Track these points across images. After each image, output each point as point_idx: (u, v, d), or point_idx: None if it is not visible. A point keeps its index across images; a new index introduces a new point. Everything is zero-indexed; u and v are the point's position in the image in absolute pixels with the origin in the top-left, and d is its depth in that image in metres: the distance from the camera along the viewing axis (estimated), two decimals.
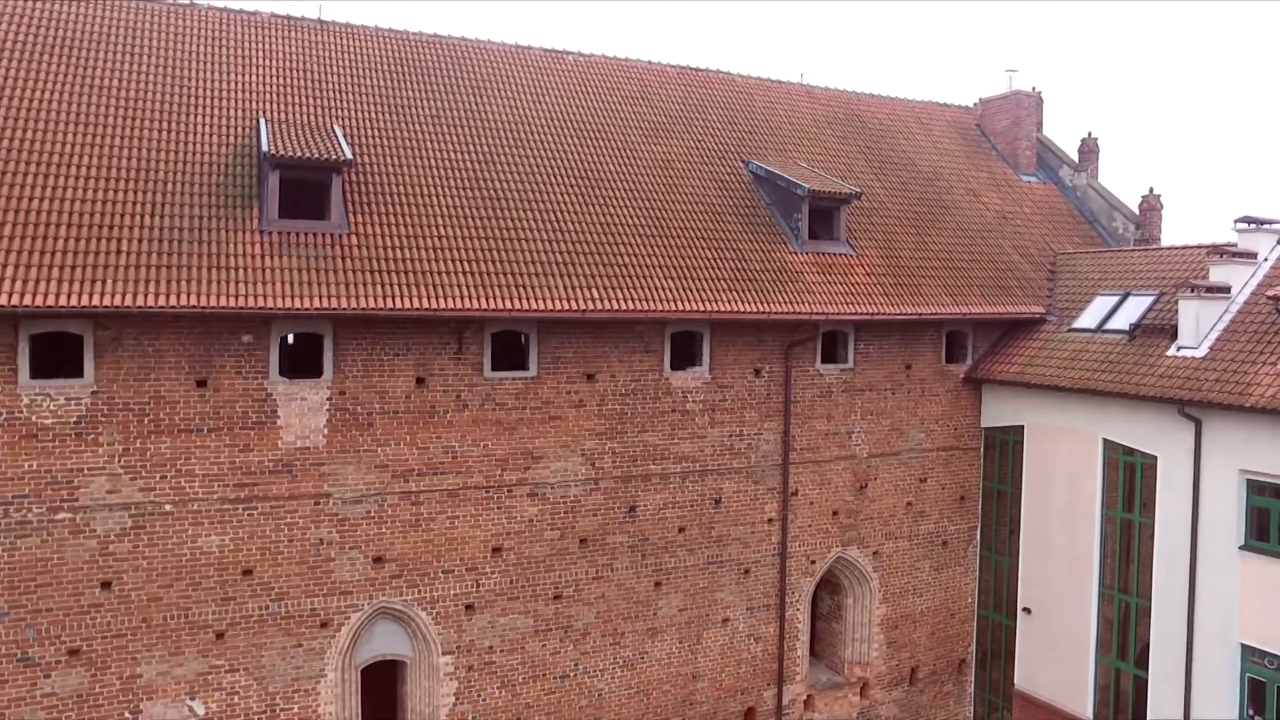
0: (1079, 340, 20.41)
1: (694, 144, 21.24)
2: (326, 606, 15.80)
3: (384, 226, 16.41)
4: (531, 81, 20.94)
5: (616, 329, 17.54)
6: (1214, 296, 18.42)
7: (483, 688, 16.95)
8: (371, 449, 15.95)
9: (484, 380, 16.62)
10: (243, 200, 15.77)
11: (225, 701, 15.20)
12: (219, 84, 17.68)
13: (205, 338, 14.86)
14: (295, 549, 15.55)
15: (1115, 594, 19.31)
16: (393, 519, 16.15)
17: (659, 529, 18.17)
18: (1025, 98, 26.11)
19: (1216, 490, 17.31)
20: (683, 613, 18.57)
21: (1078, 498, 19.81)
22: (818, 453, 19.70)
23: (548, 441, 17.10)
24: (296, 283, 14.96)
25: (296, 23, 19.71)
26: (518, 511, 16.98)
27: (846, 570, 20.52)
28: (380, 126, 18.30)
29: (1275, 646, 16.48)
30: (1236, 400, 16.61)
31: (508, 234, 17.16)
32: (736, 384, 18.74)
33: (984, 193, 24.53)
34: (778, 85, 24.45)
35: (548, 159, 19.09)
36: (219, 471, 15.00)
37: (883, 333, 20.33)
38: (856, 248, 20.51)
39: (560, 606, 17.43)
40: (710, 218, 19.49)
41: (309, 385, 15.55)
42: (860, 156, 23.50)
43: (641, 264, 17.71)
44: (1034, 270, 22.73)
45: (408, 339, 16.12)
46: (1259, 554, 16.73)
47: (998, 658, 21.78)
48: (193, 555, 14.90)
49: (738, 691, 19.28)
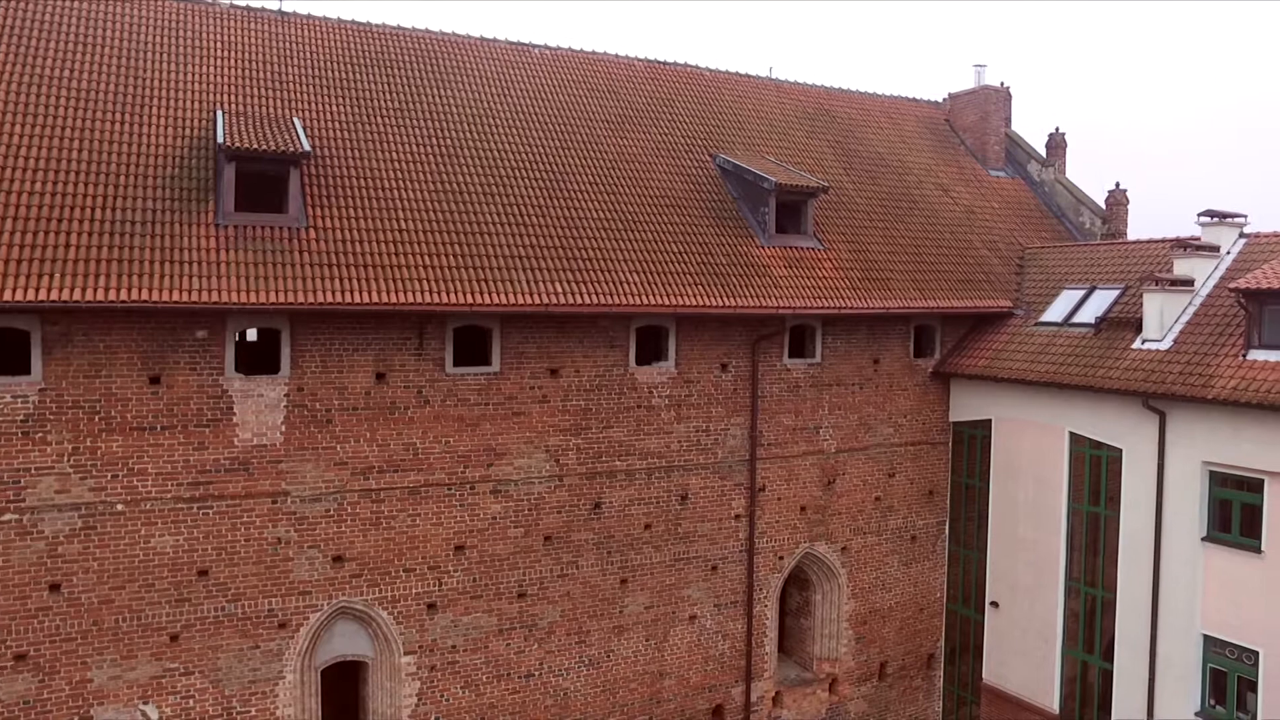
0: (1045, 334, 20.44)
1: (661, 138, 21.09)
2: (285, 607, 15.52)
3: (344, 220, 16.13)
4: (498, 74, 20.70)
5: (581, 324, 17.35)
6: (1177, 290, 18.49)
7: (445, 688, 16.73)
8: (330, 446, 15.68)
9: (446, 376, 16.39)
10: (198, 193, 15.44)
11: (180, 705, 14.88)
12: (176, 76, 17.32)
13: (158, 333, 14.53)
14: (252, 549, 15.25)
15: (1081, 587, 19.36)
16: (353, 517, 15.88)
17: (625, 526, 18.00)
18: (993, 93, 26.15)
19: (1180, 482, 17.38)
20: (649, 610, 18.42)
21: (1044, 491, 19.84)
22: (785, 448, 19.60)
23: (511, 438, 16.89)
24: (252, 277, 14.66)
25: (257, 14, 19.35)
26: (481, 509, 16.76)
27: (815, 566, 20.45)
28: (342, 119, 18.01)
29: (1236, 637, 16.57)
30: (1199, 392, 16.66)
31: (470, 228, 16.93)
32: (703, 379, 18.61)
33: (952, 187, 24.54)
34: (746, 80, 24.34)
35: (512, 152, 18.87)
36: (173, 470, 14.68)
37: (850, 327, 20.27)
38: (824, 242, 20.43)
39: (524, 605, 17.23)
40: (677, 212, 19.34)
41: (266, 382, 15.25)
42: (829, 151, 23.43)
43: (606, 258, 17.53)
44: (1002, 264, 22.76)
45: (367, 334, 15.86)
46: (1221, 545, 16.80)
47: (966, 652, 21.79)
48: (146, 556, 14.57)
49: (705, 689, 19.16)
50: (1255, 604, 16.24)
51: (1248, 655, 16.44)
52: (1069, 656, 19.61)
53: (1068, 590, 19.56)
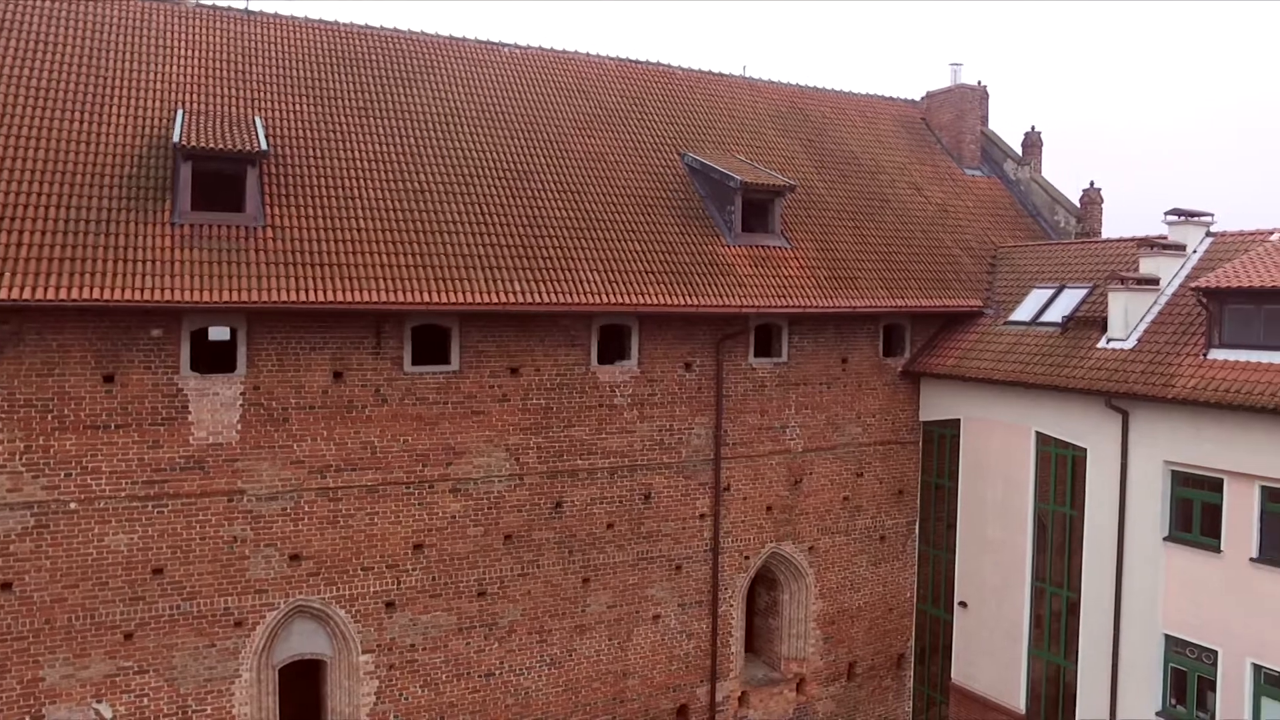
0: (1014, 333, 20.39)
1: (630, 137, 21.07)
2: (241, 605, 15.53)
3: (302, 219, 16.13)
4: (466, 74, 20.70)
5: (541, 323, 17.34)
6: (1142, 289, 18.44)
7: (404, 687, 16.73)
8: (287, 445, 15.69)
9: (404, 375, 16.39)
10: (156, 193, 15.45)
11: (134, 704, 14.90)
12: (139, 75, 17.34)
13: (112, 332, 14.55)
14: (208, 547, 15.27)
15: (1047, 587, 19.30)
16: (310, 516, 15.89)
17: (587, 525, 17.99)
18: (969, 91, 26.10)
19: (1143, 482, 17.33)
20: (612, 609, 18.40)
21: (1011, 491, 19.79)
22: (751, 447, 19.57)
23: (470, 437, 16.89)
24: (207, 276, 14.67)
25: (223, 13, 19.37)
26: (440, 508, 16.76)
27: (782, 566, 20.42)
28: (306, 118, 18.02)
29: (1196, 637, 16.52)
30: (1160, 392, 16.61)
31: (430, 227, 16.92)
32: (666, 378, 18.59)
33: (926, 186, 24.49)
34: (719, 78, 24.31)
35: (477, 152, 18.87)
36: (127, 469, 14.70)
37: (818, 326, 20.24)
38: (792, 240, 20.40)
39: (484, 604, 17.22)
40: (642, 211, 19.32)
41: (221, 380, 15.27)
42: (801, 150, 23.40)
43: (567, 257, 17.52)
44: (974, 263, 22.70)
45: (324, 333, 15.86)
46: (1182, 545, 16.75)
47: (936, 652, 21.74)
48: (99, 554, 14.59)
49: (670, 689, 19.14)
50: (1214, 604, 16.19)
51: (1207, 655, 16.39)
52: (1035, 657, 19.56)
53: (1034, 591, 19.51)
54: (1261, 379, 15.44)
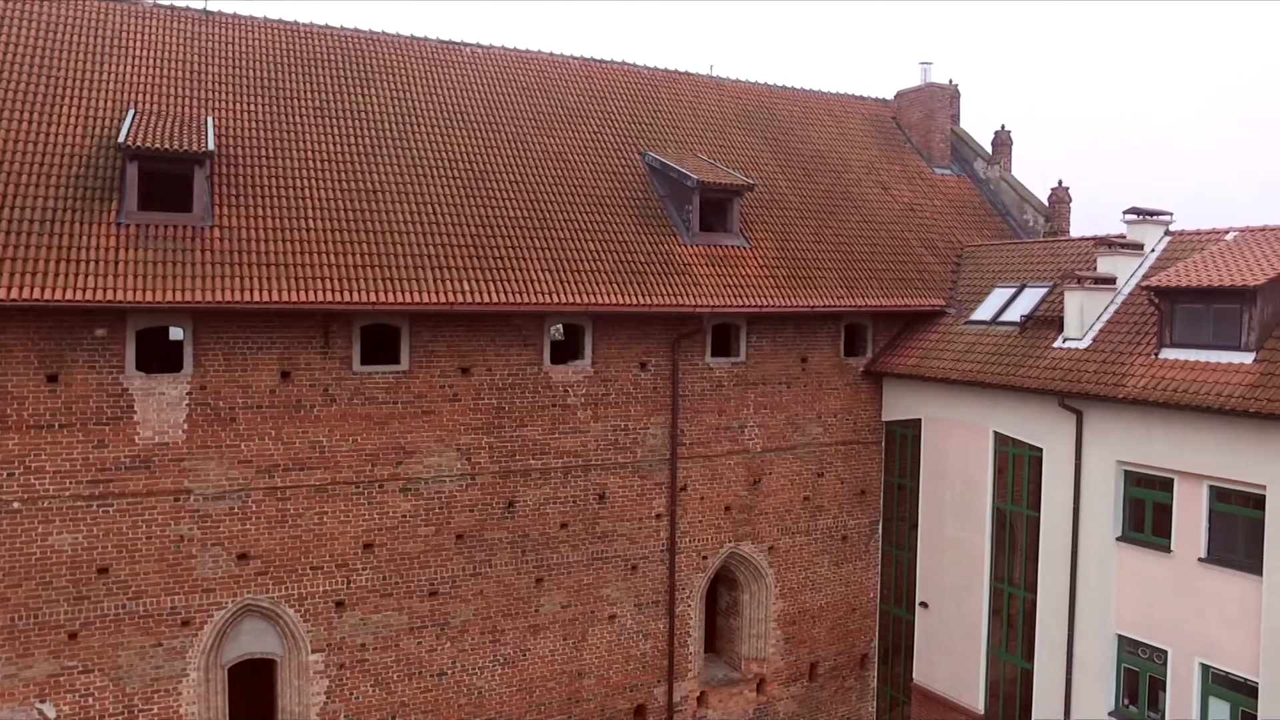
0: (974, 333, 20.33)
1: (590, 136, 21.05)
2: (188, 605, 15.55)
3: (251, 219, 16.14)
4: (426, 74, 20.70)
5: (493, 322, 17.34)
6: (1099, 288, 18.37)
7: (355, 686, 16.73)
8: (234, 444, 15.70)
9: (353, 374, 16.40)
10: (103, 193, 15.49)
11: (79, 704, 14.92)
12: (91, 75, 17.37)
13: (56, 332, 14.58)
14: (154, 546, 15.28)
15: (1006, 587, 19.25)
16: (258, 515, 15.90)
17: (540, 525, 17.98)
18: (939, 90, 26.03)
19: (1096, 482, 17.28)
20: (566, 609, 18.38)
21: (970, 491, 19.74)
22: (708, 447, 19.54)
23: (421, 436, 16.89)
24: (152, 276, 14.69)
25: (180, 14, 19.39)
26: (390, 507, 16.76)
27: (741, 566, 20.38)
28: (260, 118, 18.02)
29: (1147, 637, 16.46)
30: (1112, 391, 16.56)
31: (381, 226, 16.92)
32: (621, 378, 18.57)
33: (894, 185, 24.43)
34: (685, 77, 24.28)
35: (432, 151, 18.86)
36: (71, 468, 14.72)
37: (777, 326, 20.20)
38: (751, 240, 20.36)
39: (436, 603, 17.22)
40: (599, 210, 19.30)
41: (168, 380, 15.29)
42: (766, 149, 23.36)
43: (519, 256, 17.51)
44: (939, 263, 22.64)
45: (272, 333, 15.87)
46: (1135, 545, 16.69)
47: (899, 653, 21.69)
48: (43, 554, 14.62)
49: (626, 688, 19.12)
50: (1165, 604, 16.13)
51: (1158, 655, 16.33)
52: (994, 657, 19.51)
53: (993, 591, 19.46)
54: (1209, 379, 15.39)
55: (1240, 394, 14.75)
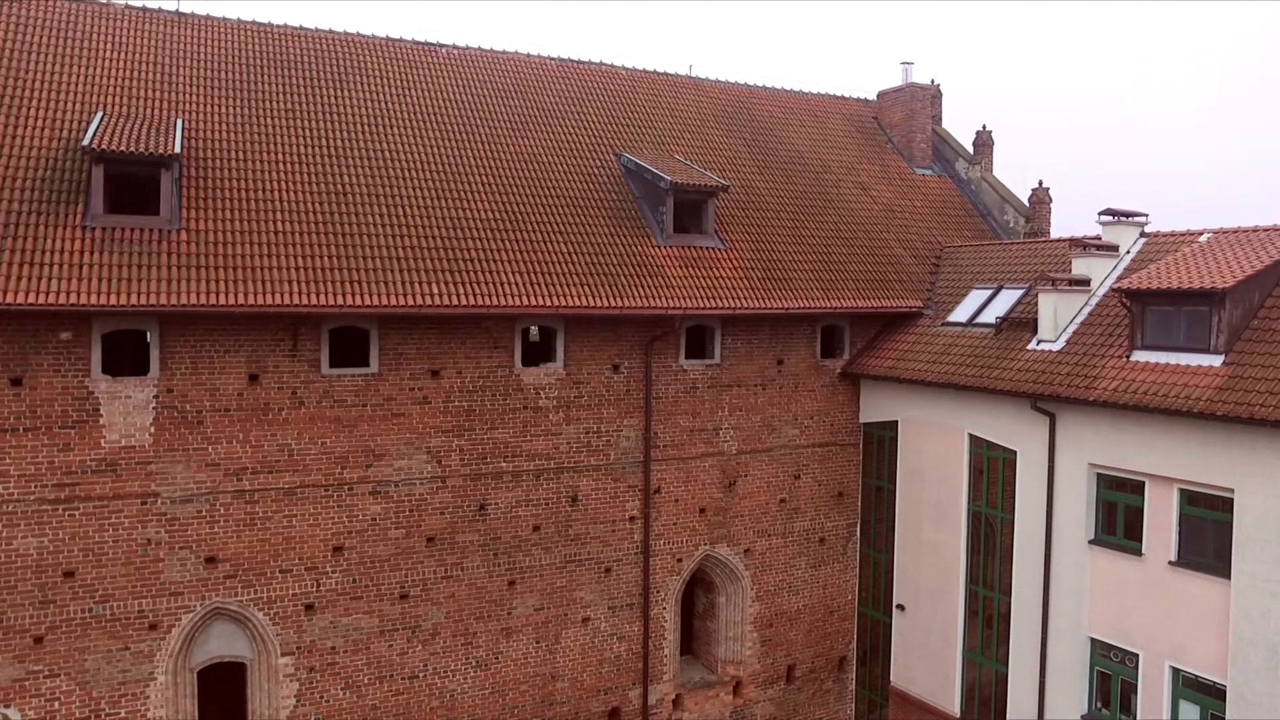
0: (950, 334, 20.28)
1: (566, 137, 20.98)
2: (155, 608, 15.49)
3: (218, 222, 16.08)
4: (400, 75, 20.63)
5: (463, 325, 17.27)
6: (1073, 290, 18.32)
7: (325, 689, 16.68)
8: (202, 447, 15.65)
9: (321, 377, 16.34)
10: (68, 196, 15.42)
11: (44, 708, 14.86)
12: (59, 77, 17.30)
13: (20, 335, 14.53)
14: (121, 550, 15.23)
15: (981, 590, 19.21)
16: (226, 518, 15.85)
17: (511, 527, 17.92)
18: (920, 90, 25.96)
19: (1069, 485, 17.23)
20: (539, 612, 18.33)
21: (946, 493, 19.69)
22: (682, 449, 19.49)
23: (390, 439, 16.83)
24: (117, 279, 14.64)
25: (152, 15, 19.33)
26: (359, 510, 16.71)
27: (717, 568, 20.33)
28: (231, 121, 17.96)
29: (1119, 640, 16.42)
30: (1083, 394, 16.50)
31: (349, 229, 16.87)
32: (593, 380, 18.51)
33: (873, 186, 24.37)
34: (663, 78, 24.21)
35: (404, 153, 18.80)
36: (36, 472, 14.67)
37: (752, 327, 20.13)
38: (727, 241, 20.30)
39: (407, 606, 17.17)
40: (572, 212, 19.24)
41: (134, 383, 15.24)
42: (744, 150, 23.29)
43: (490, 258, 17.45)
44: (917, 264, 22.58)
45: (239, 336, 15.82)
46: (1107, 548, 16.65)
47: (877, 655, 21.64)
48: (7, 558, 14.56)
49: (600, 691, 19.07)
50: (1136, 607, 16.09)
51: (1130, 658, 16.28)
52: (970, 660, 19.46)
53: (969, 594, 19.41)
54: (1179, 381, 15.34)
55: (1209, 397, 14.69)
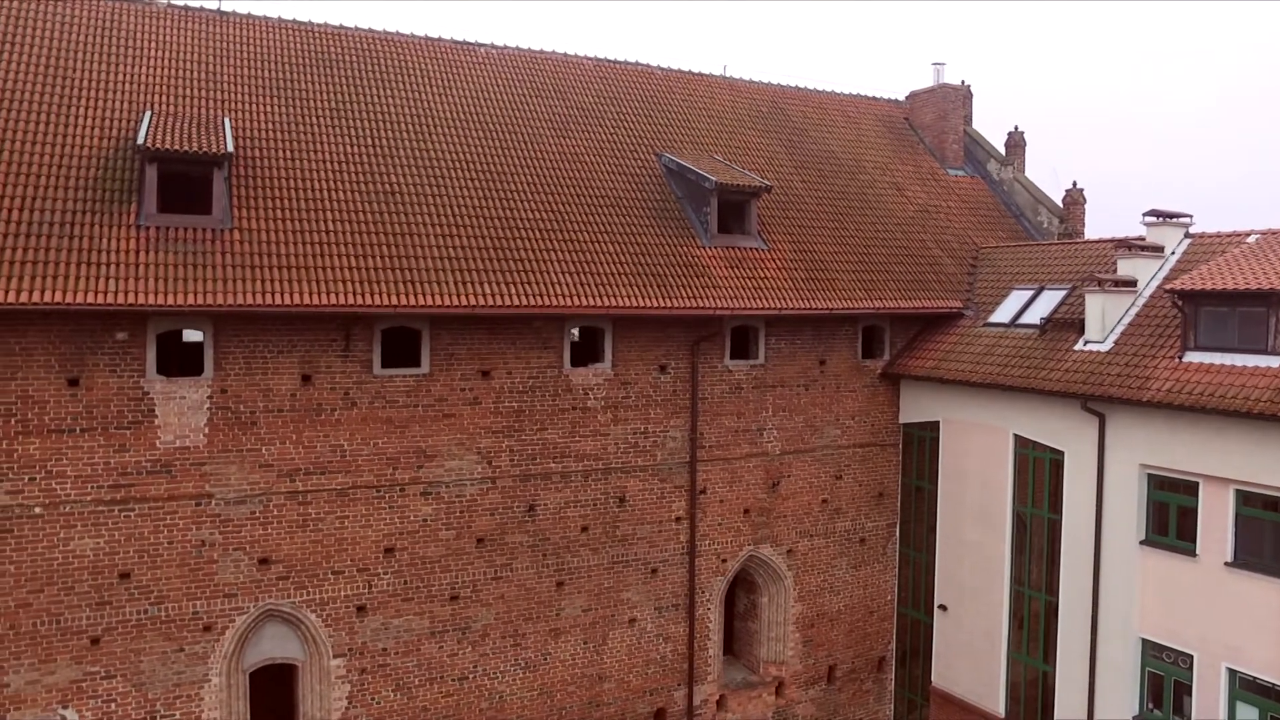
0: (993, 335, 20.27)
1: (606, 138, 20.95)
2: (210, 609, 15.43)
3: (270, 221, 16.03)
4: (441, 75, 20.59)
5: (513, 325, 17.23)
6: (1119, 290, 18.32)
7: (376, 690, 16.63)
8: (255, 448, 15.58)
9: (373, 377, 16.29)
10: (122, 195, 15.36)
11: (101, 709, 14.80)
12: (106, 76, 17.24)
13: (77, 335, 14.46)
14: (175, 551, 15.17)
15: (1026, 590, 19.20)
16: (279, 519, 15.79)
17: (560, 528, 17.88)
18: (952, 91, 25.97)
19: (1119, 485, 17.22)
20: (587, 613, 18.29)
21: (990, 494, 19.68)
22: (727, 450, 19.46)
23: (441, 440, 16.78)
24: (172, 279, 14.58)
25: (194, 14, 19.27)
26: (411, 511, 16.66)
27: (760, 569, 20.30)
28: (276, 120, 17.91)
29: (1172, 641, 16.41)
30: (1135, 395, 16.50)
31: (400, 229, 16.82)
32: (641, 380, 18.48)
33: (908, 186, 24.37)
34: (698, 78, 24.19)
35: (450, 153, 18.75)
36: (93, 473, 14.61)
37: (795, 328, 20.12)
38: (769, 241, 20.28)
39: (457, 607, 17.12)
40: (617, 212, 19.21)
41: (188, 384, 15.17)
42: (781, 150, 23.28)
43: (539, 259, 17.41)
44: (954, 264, 22.58)
45: (292, 336, 15.76)
46: (1158, 549, 16.64)
47: (917, 655, 21.63)
48: (65, 559, 14.50)
49: (646, 692, 19.03)
50: (1190, 608, 16.08)
51: (1183, 659, 16.28)
52: (1014, 660, 19.46)
53: (1013, 594, 19.40)
54: (1235, 382, 15.34)
55: (1268, 397, 14.69)
